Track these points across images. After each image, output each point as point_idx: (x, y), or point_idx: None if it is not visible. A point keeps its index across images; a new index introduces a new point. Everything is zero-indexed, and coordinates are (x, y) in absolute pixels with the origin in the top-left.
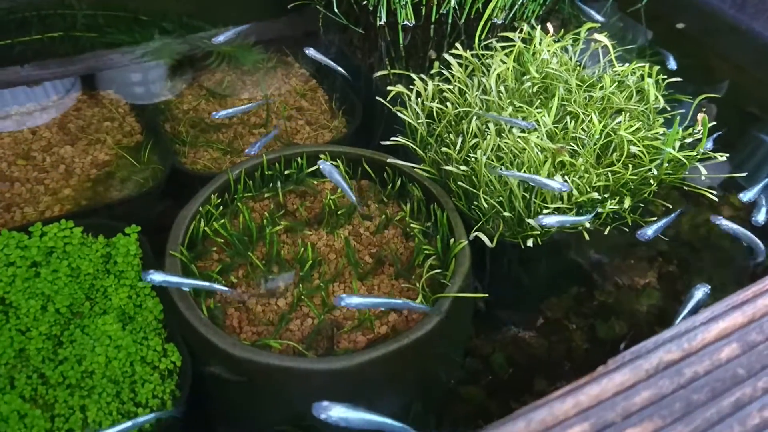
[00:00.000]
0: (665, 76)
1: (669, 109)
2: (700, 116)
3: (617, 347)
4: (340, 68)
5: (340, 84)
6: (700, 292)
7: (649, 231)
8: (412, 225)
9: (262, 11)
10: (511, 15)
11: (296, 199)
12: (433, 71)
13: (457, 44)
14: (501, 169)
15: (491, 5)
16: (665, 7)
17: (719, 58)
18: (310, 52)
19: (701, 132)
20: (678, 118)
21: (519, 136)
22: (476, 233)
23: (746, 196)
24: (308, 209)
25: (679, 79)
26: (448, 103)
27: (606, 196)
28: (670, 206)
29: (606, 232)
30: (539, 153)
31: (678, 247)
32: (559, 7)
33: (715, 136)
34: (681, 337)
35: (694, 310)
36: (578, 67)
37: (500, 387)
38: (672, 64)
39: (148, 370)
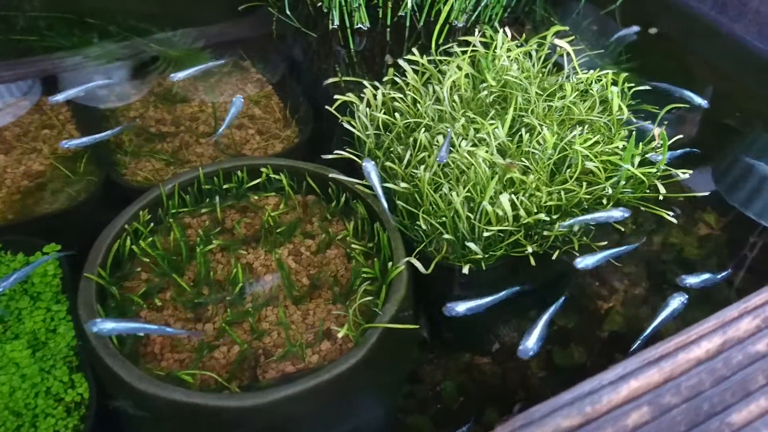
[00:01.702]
0: (632, 85)
1: (635, 120)
2: (656, 131)
3: (575, 375)
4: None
5: (295, 91)
6: (676, 301)
7: (459, 307)
8: (353, 245)
9: (225, 12)
10: (473, 18)
11: (236, 215)
12: (386, 78)
13: (414, 49)
14: (562, 225)
15: (447, 7)
16: (642, 8)
17: (698, 64)
18: (176, 76)
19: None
20: (634, 132)
21: (467, 151)
22: (408, 259)
23: (583, 263)
24: (248, 226)
25: (647, 88)
26: (397, 114)
27: (556, 217)
28: (634, 227)
29: (554, 257)
30: (487, 169)
31: (646, 269)
32: (529, 9)
33: (682, 152)
34: (583, 399)
35: (669, 321)
36: (542, 74)
37: (449, 417)
38: (701, 102)
39: (51, 403)
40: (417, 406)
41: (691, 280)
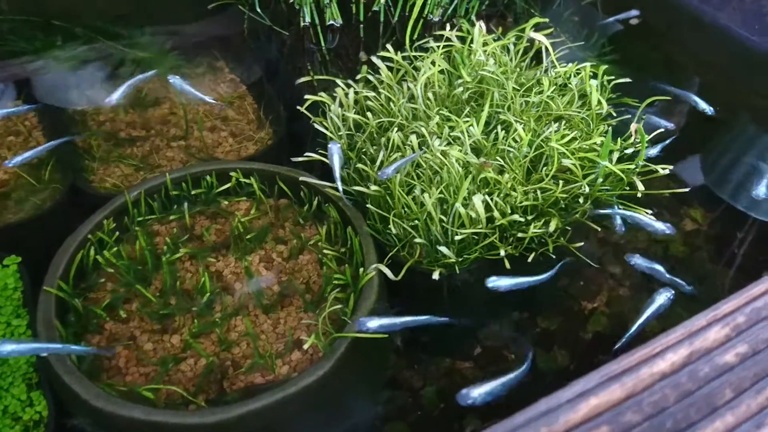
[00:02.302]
0: (613, 77)
1: (615, 114)
2: (633, 126)
3: (559, 379)
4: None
5: (269, 91)
6: (662, 296)
7: (371, 323)
8: (325, 251)
9: (195, 11)
10: (450, 11)
11: (206, 221)
12: (359, 76)
13: (389, 45)
14: (596, 210)
15: (421, 0)
16: None
17: (681, 54)
18: (111, 99)
19: (653, 142)
20: (610, 128)
21: (441, 150)
22: (377, 266)
23: (494, 283)
24: (218, 232)
25: (628, 80)
26: (369, 114)
27: (531, 217)
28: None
29: (530, 260)
30: (460, 169)
31: (631, 268)
32: (509, 1)
33: (661, 145)
34: (538, 420)
35: (655, 317)
36: (520, 69)
37: (430, 424)
38: (707, 108)
39: (8, 422)
40: (396, 413)
41: (639, 261)
